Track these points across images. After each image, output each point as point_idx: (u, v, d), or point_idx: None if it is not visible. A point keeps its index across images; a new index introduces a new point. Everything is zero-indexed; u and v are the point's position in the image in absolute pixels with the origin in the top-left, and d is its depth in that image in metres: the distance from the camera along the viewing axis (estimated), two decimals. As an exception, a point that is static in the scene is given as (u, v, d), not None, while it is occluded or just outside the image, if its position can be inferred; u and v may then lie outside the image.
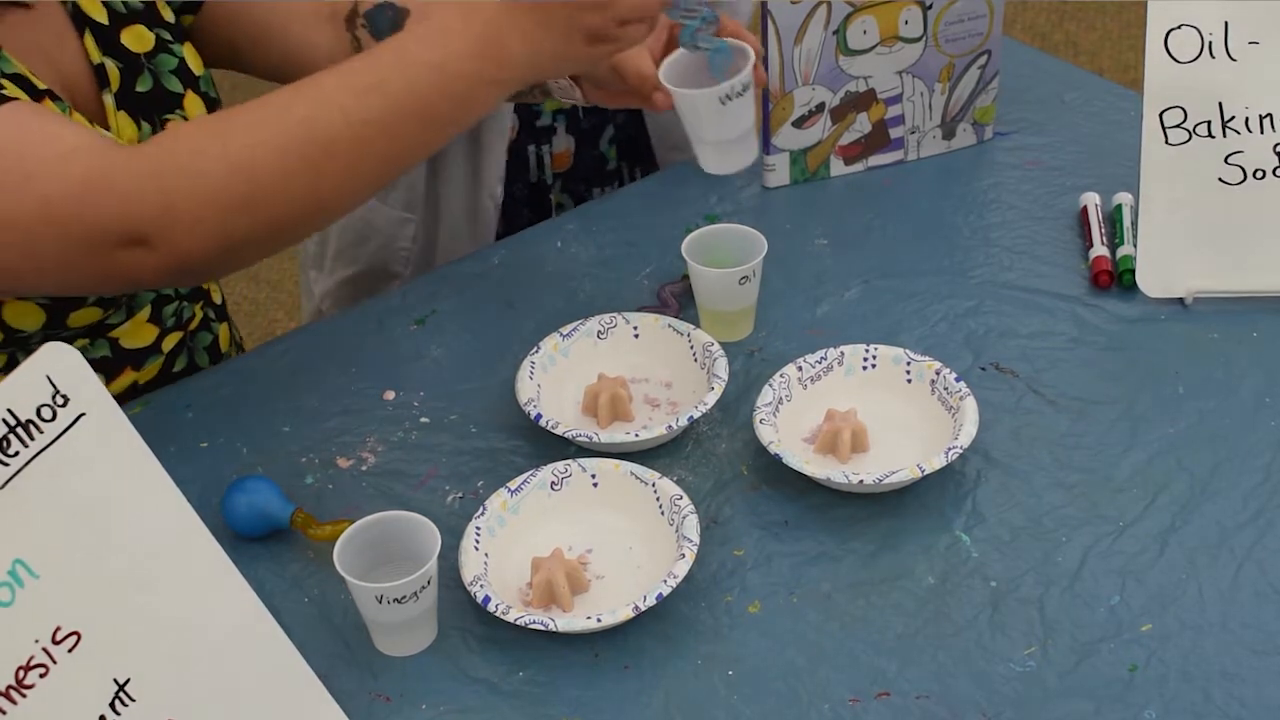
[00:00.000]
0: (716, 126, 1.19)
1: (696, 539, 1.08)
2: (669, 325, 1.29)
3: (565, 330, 1.29)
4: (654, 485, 1.13)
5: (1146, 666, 1.02)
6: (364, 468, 1.22)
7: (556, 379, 1.26)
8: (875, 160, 1.55)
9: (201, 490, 1.17)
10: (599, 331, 1.29)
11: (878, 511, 1.15)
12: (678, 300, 1.36)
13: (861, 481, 1.12)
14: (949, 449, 1.14)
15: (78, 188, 1.04)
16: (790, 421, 1.21)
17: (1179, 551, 1.10)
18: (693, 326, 1.28)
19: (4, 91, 1.07)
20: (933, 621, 1.06)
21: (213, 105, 1.30)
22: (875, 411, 1.20)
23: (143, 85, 1.24)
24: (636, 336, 1.30)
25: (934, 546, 1.12)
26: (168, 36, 1.27)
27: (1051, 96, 1.65)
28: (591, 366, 1.26)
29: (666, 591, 1.05)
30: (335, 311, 1.63)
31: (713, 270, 1.28)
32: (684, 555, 1.07)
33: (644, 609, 1.04)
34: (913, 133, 1.54)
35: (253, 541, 1.14)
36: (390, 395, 1.29)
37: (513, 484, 1.14)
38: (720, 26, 1.19)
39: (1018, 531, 1.13)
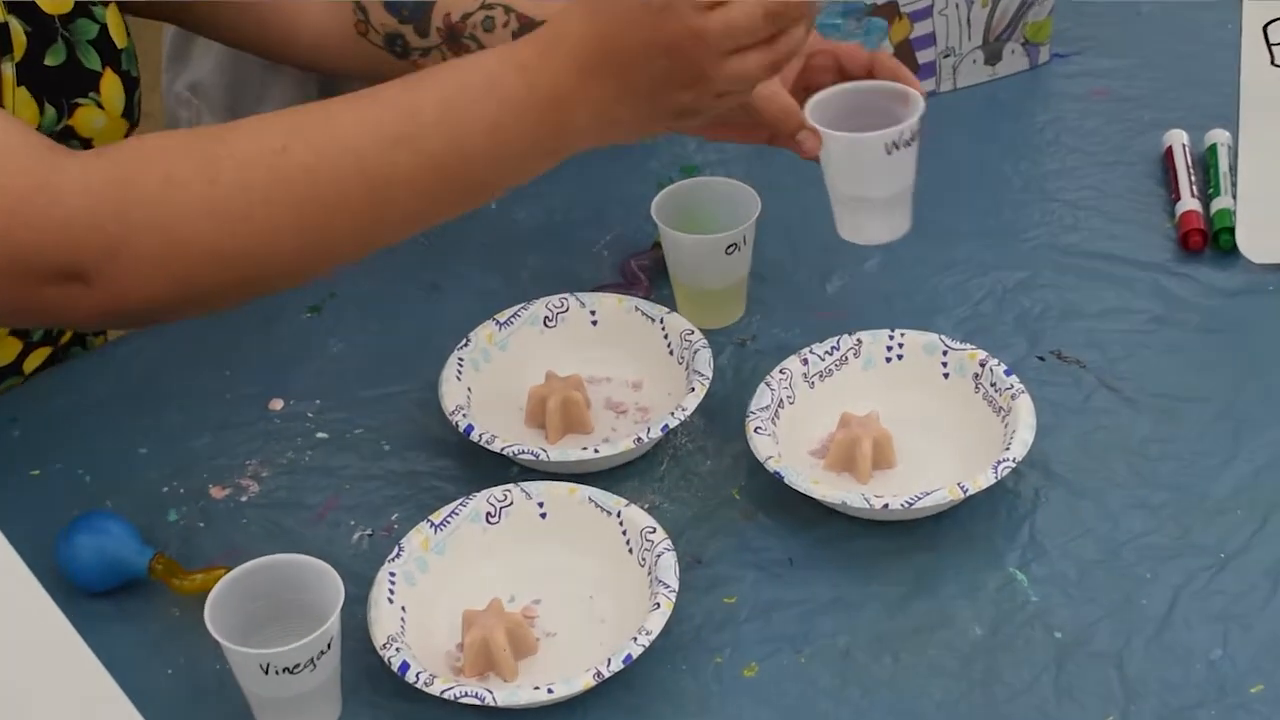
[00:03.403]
0: (872, 181, 1.20)
1: (675, 583, 1.09)
2: (636, 309, 1.30)
3: (503, 317, 1.30)
4: (619, 515, 1.14)
5: (1257, 738, 1.03)
6: (244, 498, 1.22)
7: (492, 380, 1.27)
8: (899, 93, 1.56)
9: (32, 531, 1.12)
10: (546, 318, 1.30)
11: (908, 545, 1.16)
12: (648, 276, 1.37)
13: (886, 506, 1.13)
14: (999, 463, 1.14)
15: (8, 202, 1.04)
16: (794, 430, 1.21)
17: (1296, 590, 1.12)
18: (667, 310, 1.30)
19: None
20: (981, 685, 1.06)
21: (133, 87, 1.30)
22: (903, 416, 1.21)
23: (53, 58, 1.23)
24: (595, 324, 1.30)
25: (982, 588, 1.12)
26: None
27: (1124, 6, 1.67)
28: (537, 363, 1.27)
29: (637, 652, 1.05)
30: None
31: (692, 237, 1.29)
32: (659, 605, 1.07)
33: (608, 675, 1.04)
34: (947, 56, 1.56)
35: (100, 597, 1.14)
36: (277, 404, 1.30)
37: (436, 517, 1.15)
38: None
39: (1089, 567, 1.13)
